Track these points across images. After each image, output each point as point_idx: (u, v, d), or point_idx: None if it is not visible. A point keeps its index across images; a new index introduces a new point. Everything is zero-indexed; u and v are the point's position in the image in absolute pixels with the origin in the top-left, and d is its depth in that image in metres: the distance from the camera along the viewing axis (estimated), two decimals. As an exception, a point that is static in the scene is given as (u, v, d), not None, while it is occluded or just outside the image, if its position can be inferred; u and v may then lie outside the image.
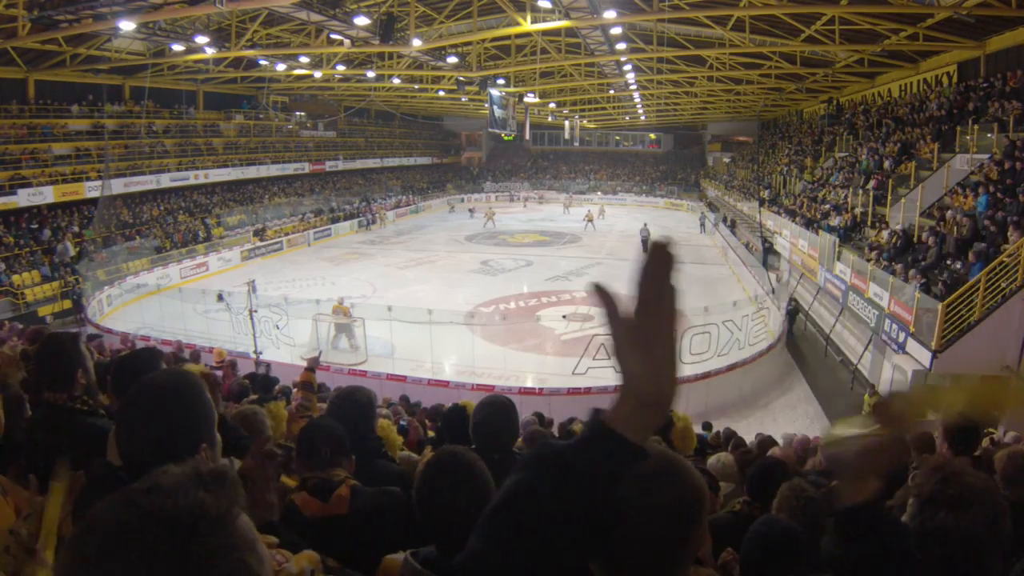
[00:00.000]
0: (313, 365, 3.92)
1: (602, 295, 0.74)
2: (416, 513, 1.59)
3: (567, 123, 41.35)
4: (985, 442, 6.31)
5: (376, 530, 1.77)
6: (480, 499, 1.53)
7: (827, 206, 18.20)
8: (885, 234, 13.49)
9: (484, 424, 2.51)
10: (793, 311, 16.39)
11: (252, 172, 30.63)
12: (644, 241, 27.23)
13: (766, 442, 6.25)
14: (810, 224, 17.67)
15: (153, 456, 1.24)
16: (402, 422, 5.73)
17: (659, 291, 0.72)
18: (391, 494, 2.04)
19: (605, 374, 12.37)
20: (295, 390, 7.80)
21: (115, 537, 0.58)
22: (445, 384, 12.02)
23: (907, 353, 9.86)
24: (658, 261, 0.72)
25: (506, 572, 0.69)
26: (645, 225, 28.05)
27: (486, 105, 27.33)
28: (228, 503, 0.63)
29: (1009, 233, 9.48)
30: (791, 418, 12.09)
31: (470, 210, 40.27)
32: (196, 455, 1.28)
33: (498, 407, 2.58)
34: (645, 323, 0.72)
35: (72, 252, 19.73)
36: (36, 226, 19.93)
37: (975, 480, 1.27)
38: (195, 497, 0.61)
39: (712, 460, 4.51)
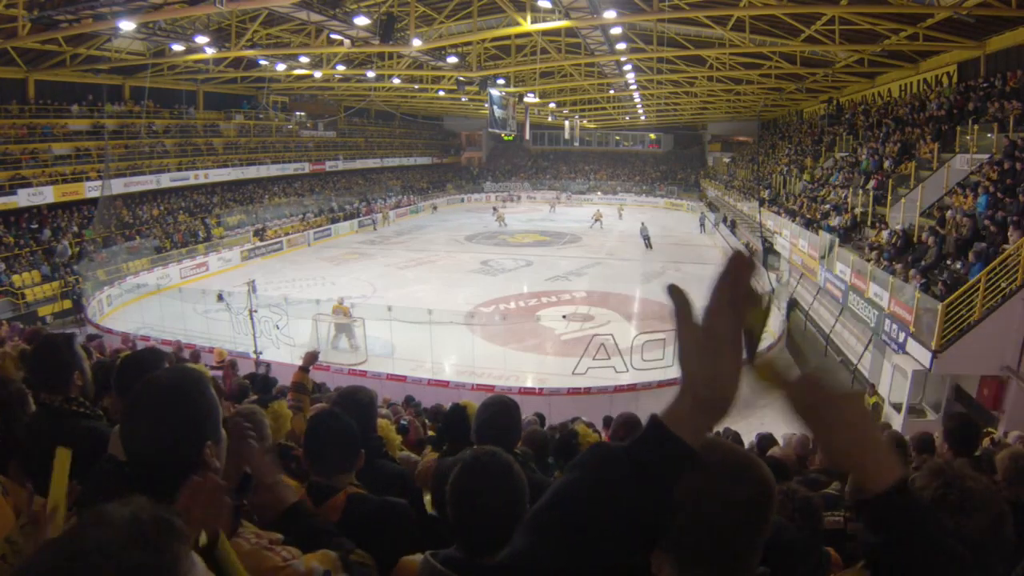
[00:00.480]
0: (309, 363, 3.86)
1: (676, 295, 0.76)
2: (447, 511, 1.57)
3: (567, 123, 41.35)
4: (985, 442, 6.32)
5: (366, 541, 1.71)
6: (513, 502, 1.50)
7: (827, 206, 18.20)
8: (885, 234, 13.48)
9: (488, 425, 2.50)
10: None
11: (252, 172, 30.63)
12: (645, 239, 27.11)
13: (766, 440, 6.24)
14: (810, 224, 17.66)
15: (158, 454, 1.24)
16: (403, 421, 5.71)
17: (732, 299, 0.74)
18: (389, 506, 1.98)
19: (605, 374, 12.40)
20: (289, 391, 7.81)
21: None
22: (445, 384, 12.03)
23: (907, 353, 9.86)
24: (735, 269, 0.74)
25: (555, 569, 0.69)
26: (644, 224, 28.11)
27: (486, 105, 27.33)
28: (171, 559, 0.55)
29: (1009, 233, 9.48)
30: (791, 418, 12.08)
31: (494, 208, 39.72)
32: (201, 465, 1.28)
33: (503, 407, 2.57)
34: (714, 328, 0.73)
35: (70, 252, 19.73)
36: (36, 226, 19.93)
37: (976, 484, 1.27)
38: (129, 560, 0.52)
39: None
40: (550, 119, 45.04)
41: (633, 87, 28.94)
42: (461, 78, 24.06)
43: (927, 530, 0.81)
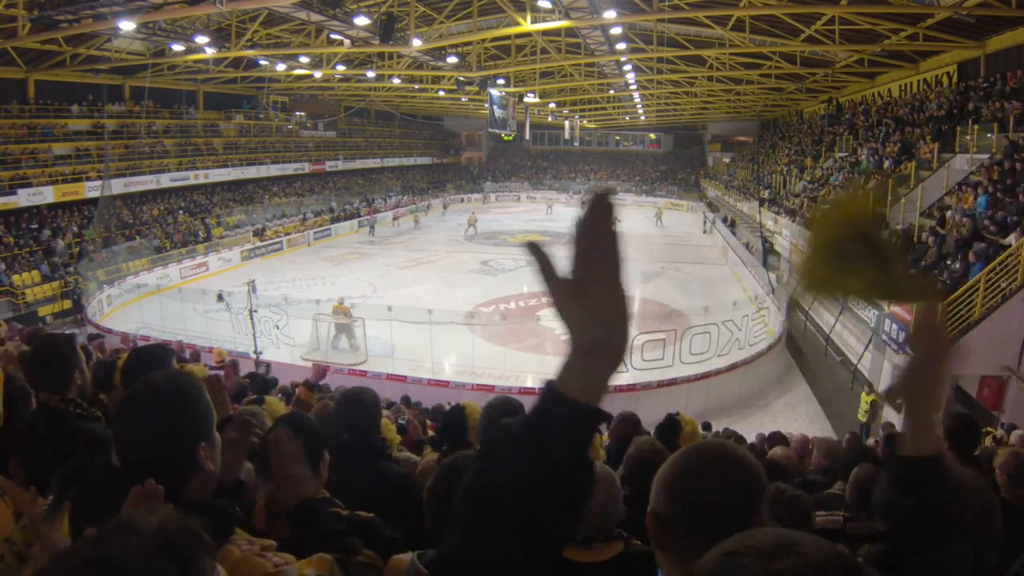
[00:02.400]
0: (318, 379, 3.77)
1: (535, 252, 0.73)
2: (426, 516, 1.57)
3: (567, 123, 41.35)
4: (987, 441, 6.31)
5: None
6: None
7: (827, 206, 18.18)
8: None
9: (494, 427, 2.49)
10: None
11: (252, 172, 30.63)
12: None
13: (774, 439, 6.23)
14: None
15: (152, 457, 1.24)
16: (401, 420, 5.71)
17: (597, 240, 0.70)
18: (342, 521, 1.81)
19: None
20: (299, 387, 7.80)
21: None
22: (445, 384, 12.03)
23: (907, 353, 9.82)
24: (594, 211, 0.70)
25: (486, 559, 0.67)
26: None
27: (486, 105, 27.33)
28: (198, 571, 0.54)
29: (1008, 238, 9.48)
30: (791, 418, 12.10)
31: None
32: (195, 468, 1.28)
33: (509, 410, 2.57)
34: (584, 274, 0.70)
35: (69, 250, 19.73)
36: (36, 226, 19.93)
37: (963, 476, 1.28)
38: (156, 570, 0.51)
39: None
40: (550, 119, 45.04)
41: (633, 87, 28.94)
42: (461, 78, 24.06)
43: (950, 507, 0.82)
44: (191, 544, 0.56)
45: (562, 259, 0.72)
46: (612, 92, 31.60)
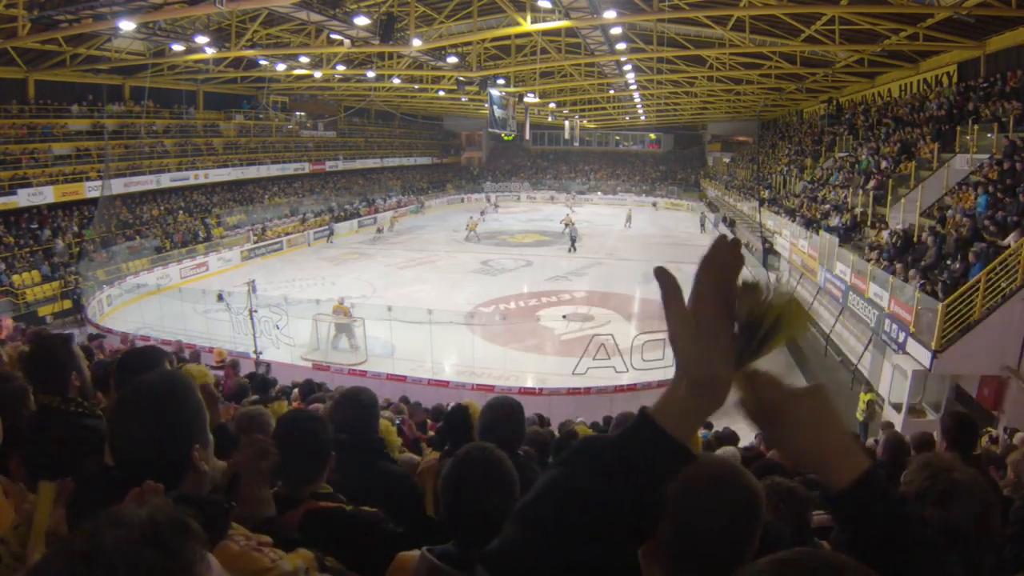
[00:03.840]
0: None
1: (664, 277, 0.76)
2: (441, 506, 1.58)
3: (567, 123, 41.34)
4: (983, 440, 6.32)
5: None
6: (505, 496, 1.52)
7: (827, 206, 18.20)
8: (885, 234, 13.48)
9: (493, 426, 2.50)
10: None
11: (252, 172, 30.63)
12: (572, 240, 26.57)
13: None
14: (810, 224, 17.66)
15: (147, 456, 1.25)
16: (395, 421, 5.71)
17: (718, 284, 0.74)
18: (353, 519, 1.85)
19: (605, 374, 12.41)
20: (295, 390, 7.80)
21: None
22: (445, 384, 12.03)
23: (907, 353, 9.86)
24: (719, 254, 0.75)
25: (540, 564, 0.69)
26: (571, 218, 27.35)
27: (486, 105, 27.33)
28: (186, 560, 0.55)
29: (1008, 238, 9.48)
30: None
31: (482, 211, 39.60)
32: (189, 468, 1.28)
33: (508, 409, 2.58)
34: (702, 310, 0.73)
35: (68, 250, 19.74)
36: (36, 226, 19.93)
37: (963, 475, 1.28)
38: (143, 560, 0.52)
39: (719, 452, 4.51)
40: (550, 119, 45.04)
41: (633, 87, 28.93)
42: (461, 78, 24.06)
43: (898, 520, 0.80)
44: (179, 534, 0.57)
45: (685, 288, 0.76)
46: (612, 92, 31.59)
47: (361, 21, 15.97)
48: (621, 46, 19.67)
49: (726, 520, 0.95)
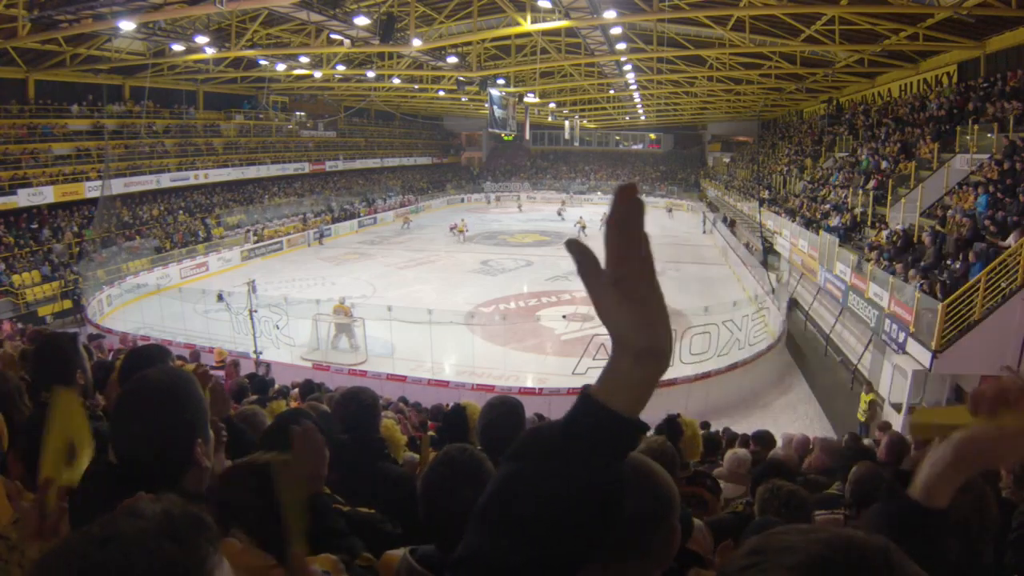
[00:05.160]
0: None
1: (578, 249, 0.69)
2: (419, 508, 1.58)
3: (567, 123, 41.36)
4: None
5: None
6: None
7: (827, 206, 18.20)
8: (885, 234, 13.48)
9: (494, 426, 2.49)
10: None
11: (252, 172, 30.64)
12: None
13: (763, 438, 6.24)
14: (810, 224, 17.66)
15: (150, 454, 1.24)
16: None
17: (632, 238, 0.67)
18: (350, 522, 1.82)
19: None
20: (295, 391, 7.80)
21: None
22: (445, 384, 12.03)
23: (907, 353, 9.86)
24: (628, 207, 0.67)
25: (505, 564, 0.66)
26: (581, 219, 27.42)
27: (486, 105, 27.34)
28: (201, 555, 0.55)
29: (1008, 238, 9.48)
30: (791, 418, 12.11)
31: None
32: (192, 464, 1.28)
33: (509, 409, 2.56)
34: (626, 273, 0.67)
35: (60, 248, 19.74)
36: (36, 226, 19.93)
37: None
38: (159, 551, 0.53)
39: (729, 455, 4.50)
40: (550, 119, 45.04)
41: (633, 87, 28.94)
42: (461, 78, 24.06)
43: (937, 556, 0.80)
44: (194, 528, 0.58)
45: (599, 256, 0.69)
46: (612, 92, 31.60)
47: (361, 21, 15.98)
48: (621, 46, 19.67)
49: (635, 509, 0.95)
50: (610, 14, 15.40)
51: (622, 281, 0.67)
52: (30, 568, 0.55)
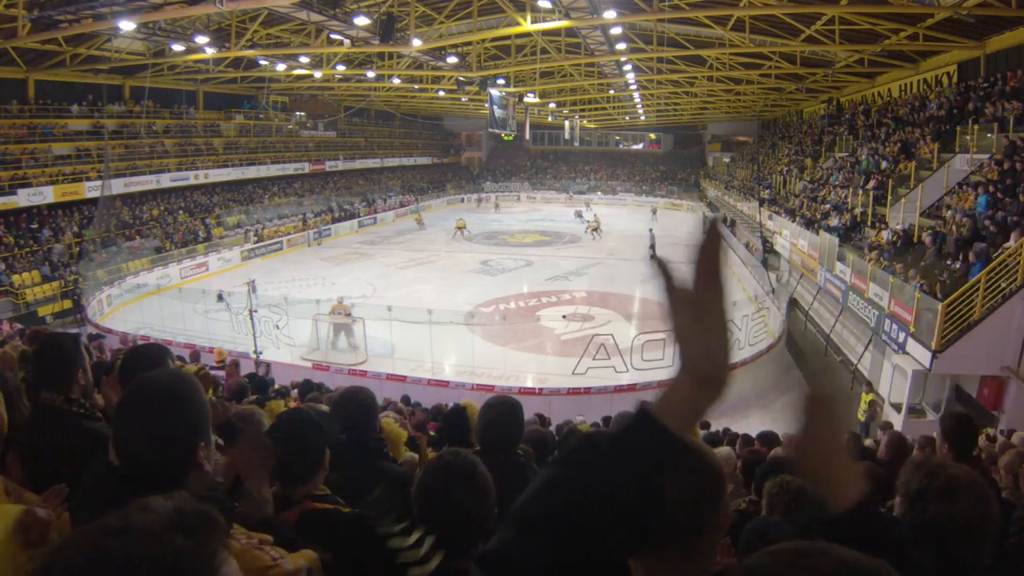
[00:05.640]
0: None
1: (666, 269, 0.74)
2: (414, 510, 1.58)
3: (567, 123, 41.36)
4: (980, 439, 6.31)
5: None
6: (481, 501, 1.53)
7: (827, 206, 18.20)
8: (885, 234, 13.48)
9: (494, 426, 2.49)
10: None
11: (252, 172, 30.64)
12: (651, 246, 24.50)
13: (767, 438, 6.25)
14: (810, 224, 17.66)
15: (152, 455, 1.24)
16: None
17: (716, 267, 0.72)
18: (350, 521, 1.80)
19: (605, 374, 12.40)
20: (294, 391, 7.81)
21: None
22: (445, 384, 12.03)
23: (907, 353, 9.86)
24: (714, 238, 0.72)
25: (537, 564, 0.68)
26: (651, 230, 26.06)
27: (486, 105, 27.33)
28: (211, 552, 0.57)
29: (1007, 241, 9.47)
30: (791, 418, 12.08)
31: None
32: (194, 466, 1.29)
33: (508, 409, 2.56)
34: (704, 298, 0.71)
35: (59, 249, 19.75)
36: (36, 226, 19.93)
37: (959, 471, 1.29)
38: (171, 544, 0.55)
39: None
40: (550, 119, 45.04)
41: (633, 87, 28.93)
42: (461, 78, 24.06)
43: (893, 548, 0.80)
44: (205, 524, 0.60)
45: (684, 277, 0.73)
46: (612, 92, 31.60)
47: (361, 21, 15.98)
48: (621, 46, 19.67)
49: (683, 488, 0.95)
50: (610, 14, 15.40)
51: (704, 307, 0.71)
52: (44, 556, 0.56)
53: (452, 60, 22.00)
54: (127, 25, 14.74)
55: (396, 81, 28.58)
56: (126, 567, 0.53)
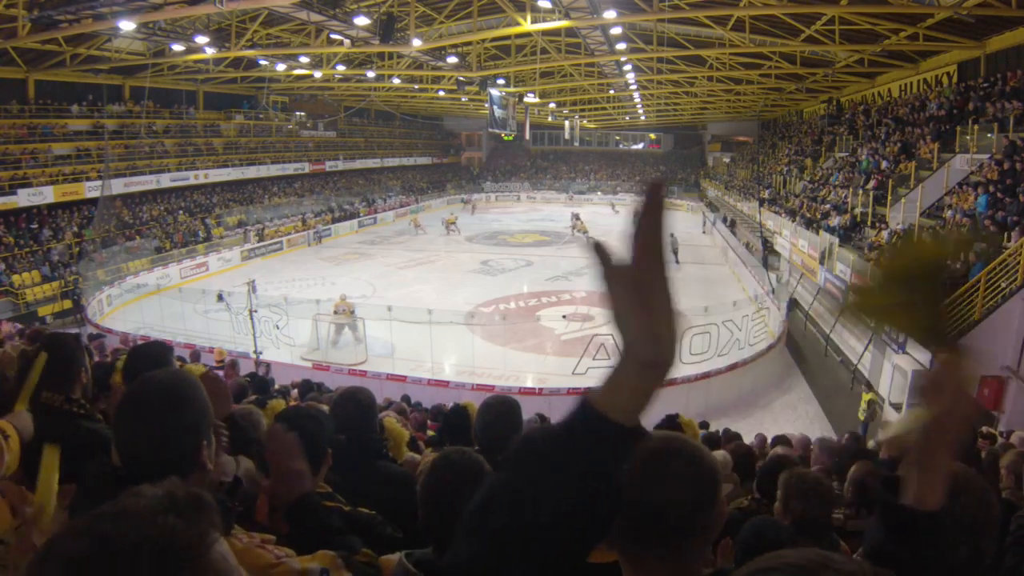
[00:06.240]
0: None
1: (599, 250, 0.67)
2: (419, 512, 1.58)
3: (567, 123, 41.35)
4: (979, 440, 6.31)
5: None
6: None
7: (827, 206, 18.20)
8: (885, 234, 13.48)
9: (493, 426, 2.49)
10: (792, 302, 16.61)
11: (252, 172, 30.64)
12: (674, 252, 24.64)
13: (780, 441, 6.24)
14: (810, 224, 17.66)
15: (154, 456, 1.24)
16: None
17: (655, 239, 0.65)
18: (349, 522, 1.79)
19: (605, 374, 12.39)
20: (295, 391, 7.81)
21: (74, 570, 0.54)
22: (445, 384, 12.03)
23: (907, 353, 9.86)
24: (655, 204, 0.65)
25: (500, 572, 0.65)
26: (673, 235, 24.85)
27: (486, 105, 27.34)
28: (202, 531, 0.60)
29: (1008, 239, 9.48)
30: (791, 418, 12.11)
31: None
32: (196, 466, 1.29)
33: (506, 409, 2.55)
34: (645, 276, 0.65)
35: (60, 249, 19.76)
36: (36, 226, 19.93)
37: (956, 469, 1.29)
38: (165, 524, 0.58)
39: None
40: (550, 119, 45.04)
41: (633, 87, 28.94)
42: (461, 78, 24.07)
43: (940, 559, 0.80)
44: (196, 506, 0.63)
45: (621, 256, 0.66)
46: (612, 92, 31.60)
47: (361, 21, 15.98)
48: (621, 46, 19.67)
49: (677, 489, 0.94)
50: (610, 14, 15.40)
51: (641, 282, 0.65)
52: (43, 545, 0.59)
53: (452, 60, 22.00)
54: (127, 25, 14.73)
55: (396, 81, 28.59)
56: (122, 547, 0.56)
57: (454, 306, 16.26)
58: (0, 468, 1.48)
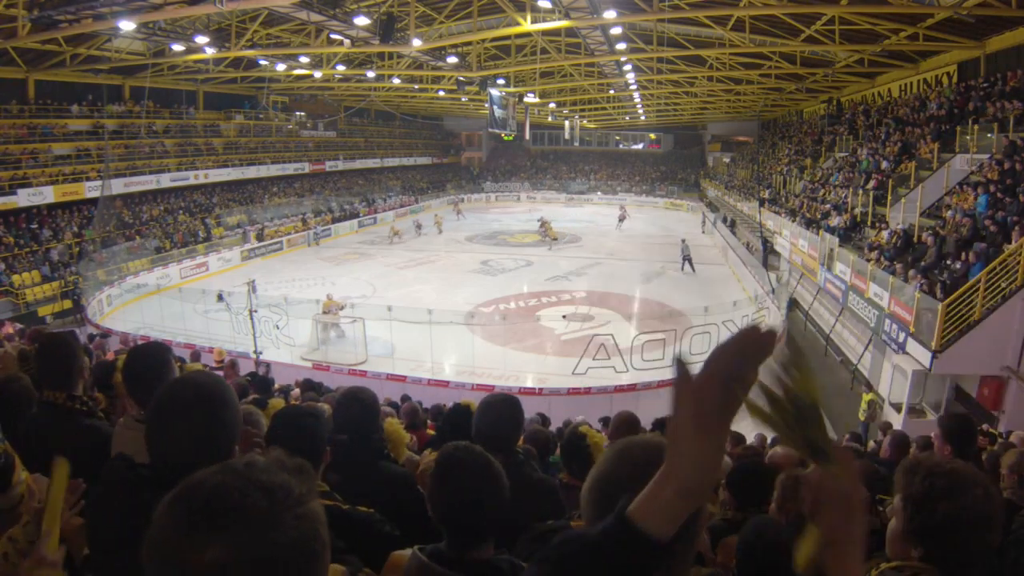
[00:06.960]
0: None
1: (680, 366, 0.69)
2: (430, 507, 1.59)
3: (567, 123, 41.35)
4: (981, 440, 6.31)
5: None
6: (491, 493, 1.53)
7: (827, 206, 18.20)
8: (885, 234, 13.48)
9: (492, 424, 2.48)
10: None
11: (252, 172, 30.63)
12: (686, 259, 22.92)
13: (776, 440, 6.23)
14: (810, 224, 17.66)
15: (192, 455, 1.24)
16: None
17: (735, 375, 0.66)
18: (349, 522, 1.84)
19: (605, 374, 12.40)
20: (295, 390, 7.80)
21: (218, 494, 0.68)
22: (445, 384, 12.03)
23: (907, 353, 9.86)
24: (742, 343, 0.67)
25: None
26: (684, 241, 23.87)
27: (486, 105, 27.33)
28: (307, 487, 0.74)
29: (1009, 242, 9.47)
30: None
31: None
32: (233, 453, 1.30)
33: (506, 407, 2.54)
34: (710, 406, 0.67)
35: (60, 248, 19.76)
36: (36, 226, 19.93)
37: (958, 466, 1.29)
38: (283, 477, 0.72)
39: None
40: (550, 119, 45.04)
41: (633, 87, 28.94)
42: (461, 78, 24.06)
43: None
44: (300, 469, 0.76)
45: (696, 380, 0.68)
46: (612, 92, 31.60)
47: (361, 21, 15.97)
48: (621, 46, 19.67)
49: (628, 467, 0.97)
50: (610, 14, 15.40)
51: (705, 411, 0.67)
52: (174, 491, 0.70)
53: (452, 60, 22.00)
54: (127, 25, 14.73)
55: (396, 81, 28.58)
56: (255, 485, 0.69)
57: (454, 306, 16.26)
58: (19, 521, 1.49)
